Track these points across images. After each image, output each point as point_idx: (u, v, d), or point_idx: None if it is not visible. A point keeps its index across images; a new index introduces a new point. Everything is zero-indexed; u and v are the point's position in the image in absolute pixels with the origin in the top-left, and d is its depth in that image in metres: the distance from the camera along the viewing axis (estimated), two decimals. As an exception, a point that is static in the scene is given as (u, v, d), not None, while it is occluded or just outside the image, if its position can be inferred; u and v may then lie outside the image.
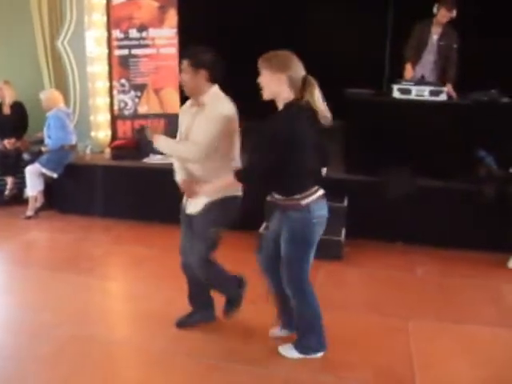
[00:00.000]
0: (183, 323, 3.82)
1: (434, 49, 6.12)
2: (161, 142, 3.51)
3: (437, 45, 6.10)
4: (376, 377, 3.30)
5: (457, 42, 6.02)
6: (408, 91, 5.61)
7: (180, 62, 3.56)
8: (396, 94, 5.63)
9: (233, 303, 3.82)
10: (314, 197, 3.27)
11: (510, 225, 5.02)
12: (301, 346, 3.46)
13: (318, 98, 3.16)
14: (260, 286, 3.70)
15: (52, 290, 4.44)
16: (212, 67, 3.43)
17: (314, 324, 3.43)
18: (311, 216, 3.25)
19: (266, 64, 3.20)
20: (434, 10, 5.96)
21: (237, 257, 4.15)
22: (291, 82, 3.15)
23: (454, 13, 5.87)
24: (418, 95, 5.59)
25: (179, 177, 3.60)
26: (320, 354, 3.46)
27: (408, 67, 6.15)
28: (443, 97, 5.58)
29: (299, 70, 3.20)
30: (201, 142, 3.37)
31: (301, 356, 3.44)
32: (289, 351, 3.49)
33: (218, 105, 3.42)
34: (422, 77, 6.13)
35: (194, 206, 3.56)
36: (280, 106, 3.22)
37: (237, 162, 3.51)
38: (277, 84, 3.17)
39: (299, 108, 3.15)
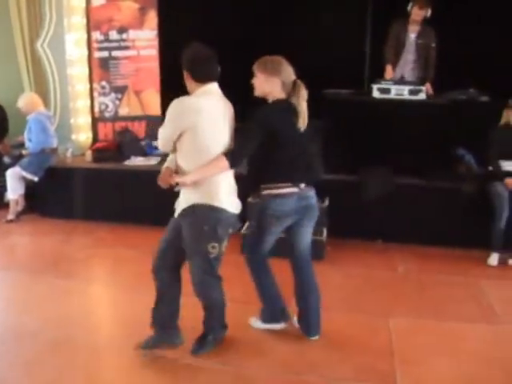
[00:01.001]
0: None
1: (413, 48, 6.16)
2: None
3: (415, 43, 6.13)
4: (358, 374, 3.32)
5: (435, 41, 6.05)
6: (387, 91, 5.66)
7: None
8: (376, 94, 5.67)
9: (206, 337, 3.57)
10: (276, 192, 3.47)
11: (489, 222, 5.07)
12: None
13: (302, 101, 3.45)
14: (243, 285, 3.71)
15: (33, 294, 4.42)
16: (191, 66, 3.33)
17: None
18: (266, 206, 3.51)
19: (261, 68, 3.45)
20: (408, 8, 5.99)
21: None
22: (283, 86, 3.43)
23: (429, 11, 5.92)
24: (397, 94, 5.64)
25: (165, 165, 3.46)
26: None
27: (388, 68, 6.18)
28: (422, 96, 5.63)
29: (291, 74, 3.46)
30: (160, 131, 3.33)
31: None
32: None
33: (186, 98, 3.28)
34: (402, 77, 6.19)
35: (178, 209, 3.40)
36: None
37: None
38: (270, 86, 3.44)
39: (288, 104, 3.43)
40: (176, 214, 3.41)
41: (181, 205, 3.34)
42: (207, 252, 3.27)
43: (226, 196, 3.30)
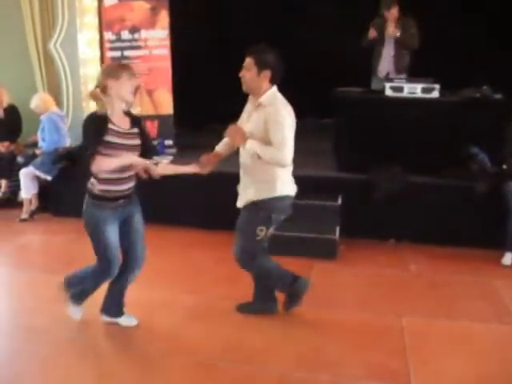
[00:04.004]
0: (242, 309, 3.98)
1: (392, 44, 6.44)
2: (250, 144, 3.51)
3: (394, 40, 6.42)
4: (370, 373, 3.31)
5: (415, 28, 6.29)
6: (400, 89, 5.63)
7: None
8: (388, 92, 5.65)
9: (291, 299, 3.93)
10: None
11: (503, 221, 5.03)
12: None
13: None
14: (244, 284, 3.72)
15: (46, 293, 4.42)
16: (276, 67, 3.51)
17: None
18: None
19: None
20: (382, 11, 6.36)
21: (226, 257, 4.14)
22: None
23: (396, 10, 6.28)
24: (410, 93, 5.62)
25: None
26: None
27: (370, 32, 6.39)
28: (435, 94, 5.60)
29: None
30: (284, 144, 3.48)
31: None
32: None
33: (280, 107, 3.52)
34: (388, 74, 6.42)
35: (240, 200, 3.72)
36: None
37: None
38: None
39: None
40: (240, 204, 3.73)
41: (248, 197, 3.65)
42: (254, 233, 3.60)
43: (288, 182, 3.72)
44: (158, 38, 7.01)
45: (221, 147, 3.83)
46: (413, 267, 5.00)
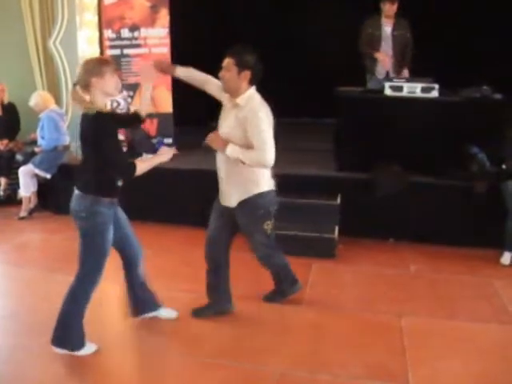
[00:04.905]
0: (199, 314, 3.93)
1: (390, 41, 6.30)
2: (231, 150, 3.52)
3: (391, 36, 6.29)
4: (369, 373, 3.31)
5: (410, 31, 6.24)
6: (400, 88, 5.63)
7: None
8: (388, 92, 5.64)
9: (278, 294, 4.13)
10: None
11: (502, 221, 5.04)
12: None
13: None
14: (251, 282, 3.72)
15: (45, 291, 4.44)
16: (255, 67, 3.51)
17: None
18: None
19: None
20: (381, 5, 6.21)
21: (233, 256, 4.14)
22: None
23: (396, 6, 6.15)
24: (409, 92, 5.61)
25: None
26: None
27: (377, 54, 6.27)
28: (435, 94, 5.59)
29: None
30: (267, 144, 3.48)
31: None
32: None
33: (257, 108, 3.52)
34: (387, 73, 6.31)
35: (228, 199, 3.74)
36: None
37: None
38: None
39: None
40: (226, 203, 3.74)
41: (234, 198, 3.68)
42: (264, 229, 3.74)
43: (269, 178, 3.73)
44: (157, 37, 6.99)
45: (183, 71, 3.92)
46: (412, 267, 5.00)
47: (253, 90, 3.58)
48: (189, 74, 3.91)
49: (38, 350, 3.55)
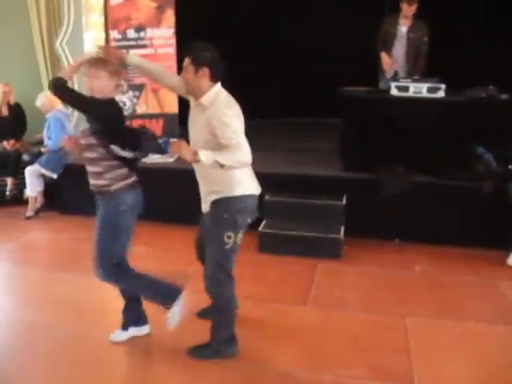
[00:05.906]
0: (203, 315, 3.83)
1: (404, 41, 6.26)
2: (204, 157, 3.07)
3: (406, 37, 6.24)
4: (374, 374, 3.31)
5: (427, 35, 6.16)
6: (406, 88, 5.61)
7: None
8: (394, 92, 5.63)
9: (210, 348, 3.49)
10: None
11: (508, 222, 5.02)
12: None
13: None
14: (259, 283, 3.71)
15: (51, 290, 4.46)
16: (213, 63, 3.25)
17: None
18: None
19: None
20: (400, 4, 6.16)
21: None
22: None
23: (415, 7, 6.09)
24: (415, 92, 5.60)
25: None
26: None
27: (383, 55, 6.25)
28: (441, 94, 5.58)
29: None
30: (239, 143, 3.15)
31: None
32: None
33: (222, 105, 3.25)
34: (396, 72, 6.21)
35: (204, 204, 3.50)
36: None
37: None
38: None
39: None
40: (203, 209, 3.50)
41: (208, 202, 3.42)
42: (223, 242, 3.27)
43: (247, 182, 3.37)
44: (163, 37, 7.00)
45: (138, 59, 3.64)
46: (417, 268, 4.99)
47: (217, 88, 3.31)
48: (145, 64, 3.67)
49: (40, 349, 3.55)
